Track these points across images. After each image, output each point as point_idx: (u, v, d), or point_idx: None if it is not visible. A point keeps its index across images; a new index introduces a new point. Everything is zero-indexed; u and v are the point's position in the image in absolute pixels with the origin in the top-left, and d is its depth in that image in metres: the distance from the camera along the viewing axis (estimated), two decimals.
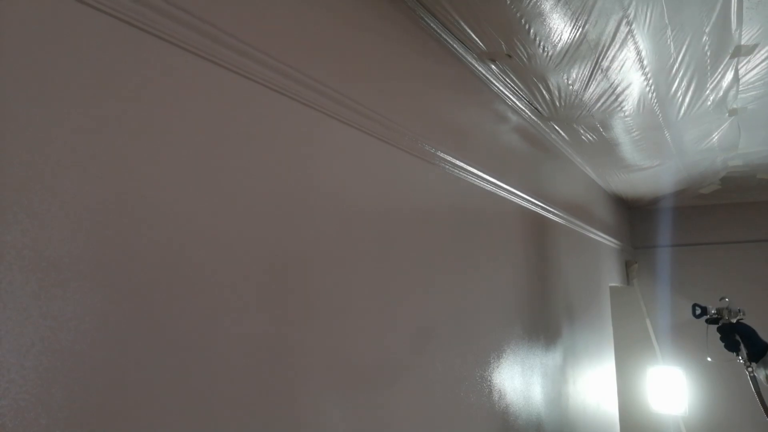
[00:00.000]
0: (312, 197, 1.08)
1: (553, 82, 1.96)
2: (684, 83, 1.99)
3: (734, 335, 2.05)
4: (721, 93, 2.11)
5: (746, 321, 2.10)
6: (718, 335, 2.12)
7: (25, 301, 0.61)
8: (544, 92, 2.07)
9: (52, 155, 0.66)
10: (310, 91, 1.09)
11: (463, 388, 1.57)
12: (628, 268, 4.38)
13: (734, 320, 2.12)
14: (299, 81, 1.06)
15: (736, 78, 2.02)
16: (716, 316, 2.20)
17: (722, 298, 2.25)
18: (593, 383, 3.01)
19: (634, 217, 4.85)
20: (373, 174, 1.29)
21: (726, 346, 2.09)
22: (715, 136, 2.71)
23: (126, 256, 0.73)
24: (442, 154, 1.57)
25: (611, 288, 3.78)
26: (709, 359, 2.23)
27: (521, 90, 2.08)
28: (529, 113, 2.31)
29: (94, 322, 0.68)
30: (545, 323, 2.34)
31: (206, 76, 0.88)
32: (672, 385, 3.95)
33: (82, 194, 0.68)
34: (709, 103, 2.20)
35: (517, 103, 2.19)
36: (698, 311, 2.28)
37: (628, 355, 4.24)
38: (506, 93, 2.08)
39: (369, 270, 1.23)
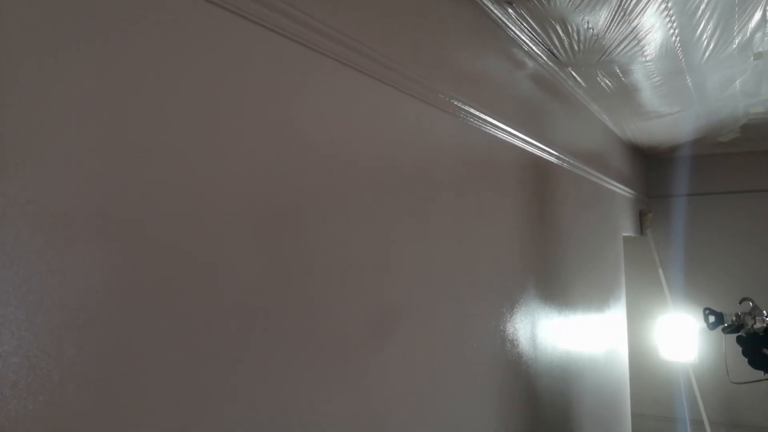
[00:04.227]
0: (309, 143, 1.03)
1: (572, 24, 1.88)
2: (710, 25, 1.90)
3: (762, 349, 1.66)
4: (747, 35, 2.02)
5: None
6: (741, 347, 1.73)
7: (32, 257, 0.60)
8: (563, 36, 1.99)
9: (54, 109, 0.63)
10: (308, 29, 1.01)
11: (472, 340, 1.57)
12: (642, 217, 4.34)
13: (760, 329, 1.70)
14: (300, 20, 0.99)
15: (764, 19, 1.92)
16: (737, 323, 1.76)
17: (743, 300, 1.79)
18: (605, 331, 3.02)
19: (649, 165, 4.77)
20: (376, 119, 1.23)
21: (751, 362, 1.68)
22: (738, 82, 2.61)
23: (132, 209, 0.71)
24: (454, 102, 1.52)
25: (625, 238, 3.75)
26: (741, 382, 1.78)
27: (538, 35, 2.01)
28: (546, 59, 2.23)
29: (103, 277, 0.67)
30: (558, 273, 2.32)
31: (198, 14, 0.83)
32: (682, 333, 3.97)
33: (85, 148, 0.66)
34: (734, 46, 2.11)
35: (534, 48, 2.11)
36: (712, 319, 1.80)
37: (640, 303, 4.24)
38: (523, 38, 2.01)
39: (369, 221, 1.20)
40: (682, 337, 3.98)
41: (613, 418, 3.11)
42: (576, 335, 2.48)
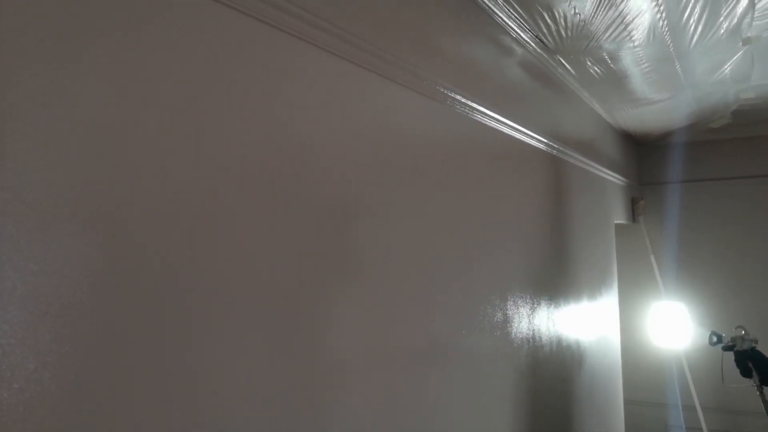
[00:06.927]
0: (304, 138, 1.05)
1: (559, 10, 1.87)
2: (698, 9, 1.89)
3: (747, 362, 2.28)
4: (735, 20, 2.02)
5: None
6: (734, 361, 2.36)
7: (4, 245, 0.59)
8: (550, 22, 1.98)
9: (25, 91, 0.62)
10: (300, 21, 1.03)
11: (465, 327, 1.57)
12: (634, 204, 4.35)
13: (747, 348, 2.33)
14: (292, 13, 1.00)
15: (752, 4, 1.92)
16: (731, 344, 2.40)
17: (737, 327, 2.44)
18: (597, 319, 3.03)
19: (641, 153, 4.77)
20: (371, 111, 1.25)
21: (741, 373, 2.33)
22: (728, 67, 2.61)
23: (112, 197, 0.71)
24: (443, 90, 1.52)
25: (617, 225, 3.76)
26: (732, 385, 2.47)
27: (526, 21, 2.00)
28: (534, 46, 2.22)
29: (79, 266, 0.66)
30: (550, 260, 2.33)
31: (195, 8, 0.83)
32: (675, 320, 3.99)
33: (62, 134, 0.65)
34: (722, 31, 2.11)
35: (522, 35, 2.10)
36: (714, 339, 2.51)
37: (633, 291, 4.26)
38: (511, 25, 2.00)
39: (368, 215, 1.21)
40: (675, 324, 4.00)
41: (607, 404, 3.13)
42: (569, 323, 2.49)
